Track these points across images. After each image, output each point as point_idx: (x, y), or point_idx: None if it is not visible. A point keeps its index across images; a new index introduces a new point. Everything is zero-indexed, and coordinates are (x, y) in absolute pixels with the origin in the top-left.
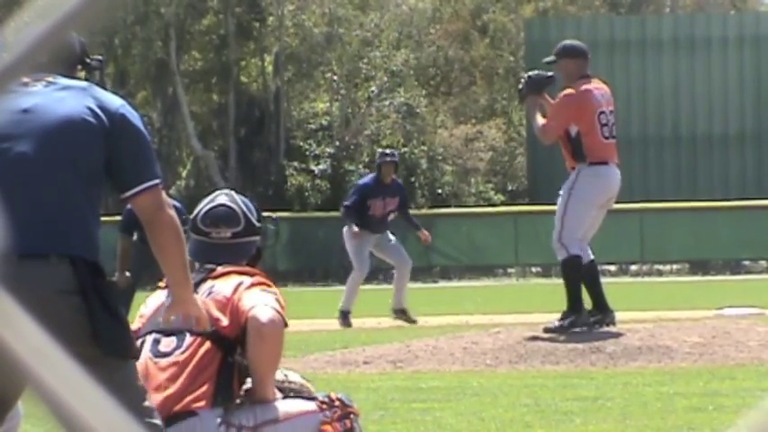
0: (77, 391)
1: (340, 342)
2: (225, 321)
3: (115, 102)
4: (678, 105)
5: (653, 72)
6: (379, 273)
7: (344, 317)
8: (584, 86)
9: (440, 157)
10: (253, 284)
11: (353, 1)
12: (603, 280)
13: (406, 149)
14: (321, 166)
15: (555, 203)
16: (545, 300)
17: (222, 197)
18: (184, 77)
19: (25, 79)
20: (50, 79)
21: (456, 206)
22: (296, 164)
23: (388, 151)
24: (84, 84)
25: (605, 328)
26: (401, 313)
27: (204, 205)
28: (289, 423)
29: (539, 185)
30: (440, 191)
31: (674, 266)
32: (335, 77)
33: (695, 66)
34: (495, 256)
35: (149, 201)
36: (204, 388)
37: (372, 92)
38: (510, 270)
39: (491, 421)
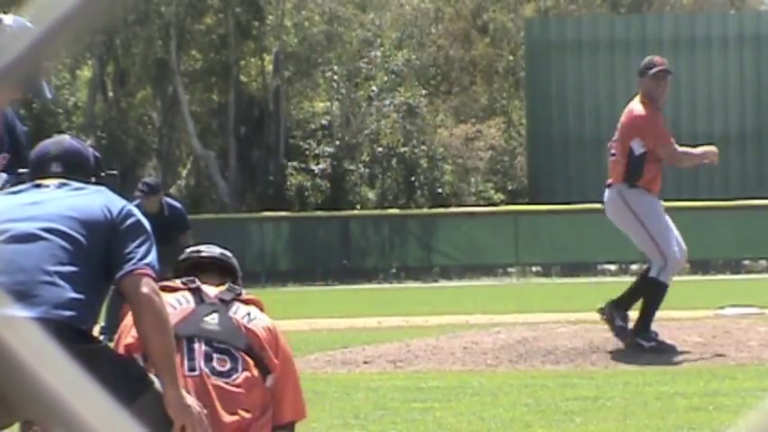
0: (77, 391)
1: (340, 342)
2: (270, 353)
3: (122, 201)
4: (678, 105)
5: None
6: (379, 272)
7: None
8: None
9: (440, 157)
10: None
11: (353, 0)
12: (604, 279)
13: (406, 149)
14: (321, 166)
15: (554, 203)
16: (545, 299)
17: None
18: (184, 77)
19: (37, 181)
20: (63, 181)
21: (456, 205)
22: (296, 163)
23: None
24: (96, 187)
25: (604, 328)
26: None
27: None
28: None
29: (539, 185)
30: (440, 190)
31: None
32: (335, 77)
33: (696, 65)
34: (496, 256)
35: (133, 282)
36: (268, 414)
37: (373, 91)
38: (510, 269)
39: (491, 421)
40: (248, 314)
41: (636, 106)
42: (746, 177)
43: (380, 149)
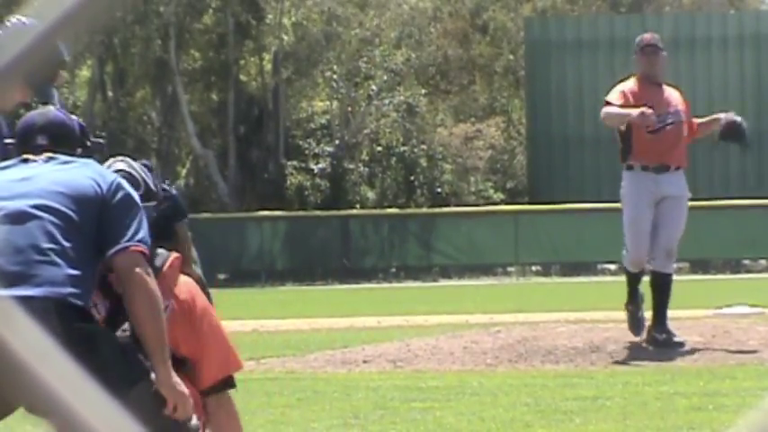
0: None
1: (340, 341)
2: None
3: (112, 174)
4: None
5: None
6: (378, 272)
7: None
8: None
9: (439, 156)
10: None
11: (353, 0)
12: (604, 279)
13: (405, 148)
14: (321, 165)
15: (554, 202)
16: (545, 299)
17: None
18: (184, 76)
19: (24, 156)
20: (50, 155)
21: (456, 205)
22: (295, 163)
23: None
24: (84, 160)
25: (604, 327)
26: None
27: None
28: None
29: (538, 184)
30: (439, 189)
31: (674, 265)
32: (335, 76)
33: (695, 65)
34: (495, 255)
35: (126, 261)
36: None
37: (372, 90)
38: (510, 269)
39: (491, 421)
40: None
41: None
42: (746, 177)
43: (380, 149)
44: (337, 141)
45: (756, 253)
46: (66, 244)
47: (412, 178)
